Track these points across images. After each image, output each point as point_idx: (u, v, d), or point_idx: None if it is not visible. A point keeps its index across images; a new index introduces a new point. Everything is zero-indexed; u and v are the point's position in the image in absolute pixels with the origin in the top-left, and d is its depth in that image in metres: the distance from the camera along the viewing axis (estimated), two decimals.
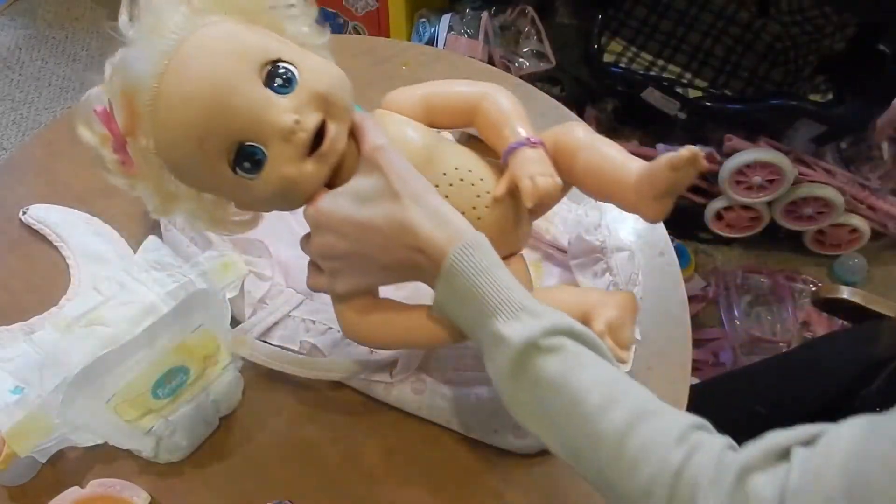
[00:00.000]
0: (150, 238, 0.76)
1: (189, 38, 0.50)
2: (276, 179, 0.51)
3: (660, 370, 0.71)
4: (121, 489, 0.60)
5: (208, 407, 0.63)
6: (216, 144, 0.50)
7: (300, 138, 0.50)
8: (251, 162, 0.51)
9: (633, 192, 0.56)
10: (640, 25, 1.61)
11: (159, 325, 0.62)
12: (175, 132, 0.50)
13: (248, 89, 0.49)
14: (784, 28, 1.53)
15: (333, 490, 0.64)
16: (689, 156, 0.52)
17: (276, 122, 0.49)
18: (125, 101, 0.51)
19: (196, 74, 0.49)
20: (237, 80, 0.49)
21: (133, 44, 0.52)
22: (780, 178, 1.43)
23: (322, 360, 0.65)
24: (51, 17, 2.16)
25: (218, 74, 0.49)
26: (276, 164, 0.51)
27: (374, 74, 0.97)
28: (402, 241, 0.52)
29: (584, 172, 0.59)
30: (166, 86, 0.49)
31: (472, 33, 1.51)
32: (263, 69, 0.50)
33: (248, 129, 0.50)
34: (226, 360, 0.64)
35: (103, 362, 0.61)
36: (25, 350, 0.68)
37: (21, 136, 1.88)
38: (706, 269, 1.60)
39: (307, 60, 0.53)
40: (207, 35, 0.50)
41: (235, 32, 0.52)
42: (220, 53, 0.50)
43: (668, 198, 0.56)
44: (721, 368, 1.47)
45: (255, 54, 0.50)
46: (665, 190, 0.55)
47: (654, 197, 0.56)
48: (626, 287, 0.70)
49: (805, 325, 1.50)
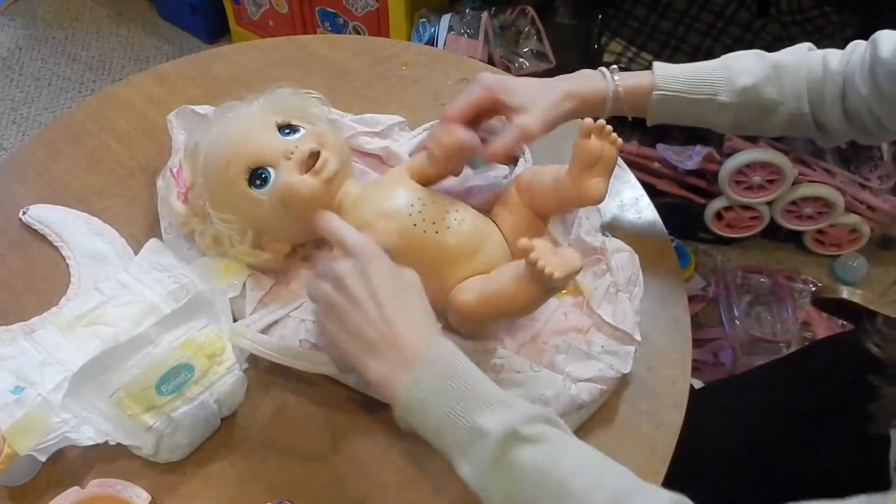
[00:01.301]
0: (151, 240, 0.76)
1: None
2: (278, 186, 0.66)
3: (660, 370, 0.71)
4: (121, 489, 0.60)
5: (210, 406, 0.63)
6: (236, 168, 0.67)
7: (297, 156, 0.66)
8: (261, 179, 0.67)
9: (570, 181, 0.65)
10: (640, 25, 1.61)
11: (165, 323, 0.63)
12: (211, 164, 0.70)
13: (263, 132, 0.69)
14: (784, 28, 1.53)
15: (334, 490, 0.64)
16: (595, 125, 0.63)
17: (279, 147, 0.67)
18: (190, 161, 0.73)
19: (231, 128, 0.70)
20: (255, 128, 0.69)
21: (206, 126, 0.74)
22: (780, 178, 1.43)
23: (320, 355, 0.65)
24: (51, 17, 2.16)
25: (244, 126, 0.70)
26: (279, 175, 0.66)
27: (374, 74, 0.97)
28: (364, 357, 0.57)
29: (538, 195, 0.68)
30: (214, 139, 0.70)
31: (472, 33, 1.51)
32: (279, 126, 0.70)
33: (259, 155, 0.67)
34: (231, 360, 0.65)
35: (110, 356, 0.61)
36: (26, 348, 0.68)
37: (21, 136, 1.88)
38: (706, 269, 1.60)
39: (315, 124, 0.71)
40: (245, 114, 0.72)
41: (266, 114, 0.71)
42: (249, 116, 0.71)
43: (599, 173, 0.64)
44: (721, 368, 1.47)
45: (272, 118, 0.70)
46: (587, 159, 0.63)
47: (584, 171, 0.64)
48: (626, 288, 0.71)
49: (805, 325, 1.50)
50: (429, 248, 0.65)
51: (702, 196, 1.54)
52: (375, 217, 0.66)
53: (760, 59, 0.73)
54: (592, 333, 0.69)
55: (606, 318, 0.69)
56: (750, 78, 0.72)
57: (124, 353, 0.62)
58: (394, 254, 0.65)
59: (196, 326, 0.65)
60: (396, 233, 0.65)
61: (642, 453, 0.66)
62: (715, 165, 1.47)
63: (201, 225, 0.72)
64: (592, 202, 0.66)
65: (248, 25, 1.94)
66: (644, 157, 1.51)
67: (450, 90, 0.93)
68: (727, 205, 1.52)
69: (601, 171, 0.64)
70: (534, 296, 0.60)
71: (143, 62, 2.04)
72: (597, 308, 0.70)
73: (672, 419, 0.68)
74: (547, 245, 0.58)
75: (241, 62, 0.99)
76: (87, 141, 0.89)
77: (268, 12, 1.85)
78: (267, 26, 1.89)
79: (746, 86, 0.71)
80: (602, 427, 0.67)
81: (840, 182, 1.45)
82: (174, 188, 0.73)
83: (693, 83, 0.73)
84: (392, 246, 0.60)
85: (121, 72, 2.02)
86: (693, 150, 1.47)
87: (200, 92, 0.93)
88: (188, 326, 0.65)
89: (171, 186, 0.74)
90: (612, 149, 0.63)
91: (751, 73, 0.72)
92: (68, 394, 0.60)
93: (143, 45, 2.09)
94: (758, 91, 0.72)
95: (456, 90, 0.87)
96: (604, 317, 0.69)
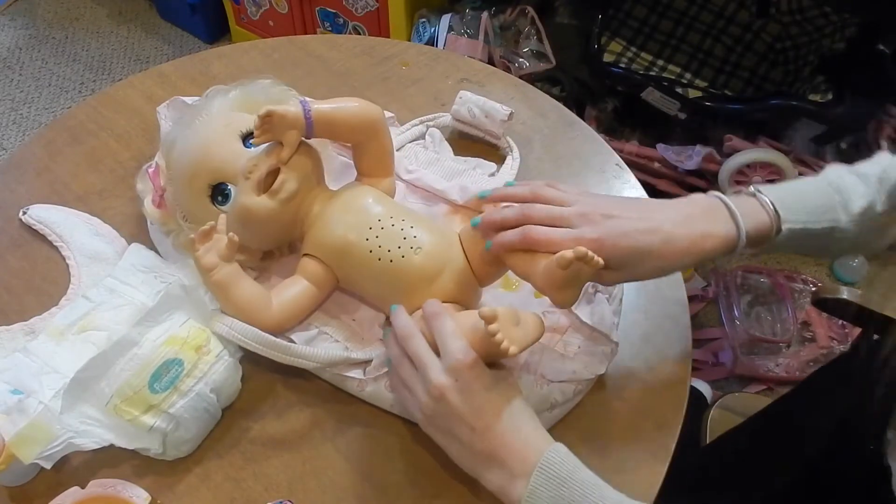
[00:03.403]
0: (133, 245, 0.76)
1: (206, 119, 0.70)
2: (237, 207, 0.67)
3: (660, 370, 0.71)
4: (121, 489, 0.60)
5: (208, 396, 0.63)
6: (199, 183, 0.68)
7: (255, 176, 0.66)
8: (223, 195, 0.68)
9: (540, 281, 0.59)
10: (640, 25, 1.61)
11: (144, 322, 0.64)
12: (177, 175, 0.70)
13: (226, 145, 0.68)
14: (784, 28, 1.53)
15: (334, 490, 0.64)
16: (574, 256, 0.54)
17: (238, 165, 0.67)
18: (165, 161, 0.72)
19: (196, 138, 0.69)
20: (218, 140, 0.68)
21: (179, 125, 0.73)
22: (780, 178, 1.43)
23: (296, 347, 0.65)
24: (51, 17, 2.17)
25: (207, 136, 0.69)
26: (238, 195, 0.67)
27: (374, 74, 0.97)
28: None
29: (509, 258, 0.62)
30: (180, 145, 0.70)
31: (472, 33, 1.51)
32: (244, 136, 0.68)
33: (220, 172, 0.67)
34: (218, 348, 0.65)
35: (96, 365, 0.61)
36: (21, 360, 0.67)
37: (21, 136, 1.88)
38: (706, 269, 1.60)
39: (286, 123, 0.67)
40: (213, 114, 0.71)
41: (233, 114, 0.71)
42: (214, 124, 0.70)
43: (571, 288, 0.58)
44: (721, 368, 1.47)
45: (238, 126, 0.69)
46: (562, 283, 0.57)
47: (556, 288, 0.58)
48: (605, 289, 0.71)
49: (805, 325, 1.50)
50: (386, 275, 0.65)
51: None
52: (335, 240, 0.66)
53: (863, 178, 0.67)
54: (570, 334, 0.69)
55: (584, 319, 0.68)
56: (863, 199, 0.65)
57: (110, 360, 0.62)
58: (355, 280, 0.68)
59: (177, 322, 0.65)
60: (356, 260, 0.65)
61: (642, 453, 0.66)
62: (715, 165, 1.47)
63: (177, 226, 0.72)
64: (557, 307, 0.62)
65: (248, 25, 1.94)
66: (644, 157, 1.51)
67: (450, 90, 0.93)
68: None
69: (575, 287, 0.59)
70: (485, 353, 0.58)
71: (143, 62, 2.05)
72: (574, 308, 0.69)
73: (672, 419, 0.68)
74: (511, 315, 0.57)
75: (241, 62, 0.99)
76: (87, 141, 0.89)
77: (268, 12, 1.85)
78: (267, 26, 1.89)
79: (863, 208, 0.65)
80: (602, 427, 0.67)
81: None
82: (150, 192, 0.74)
83: (815, 213, 0.65)
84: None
85: (121, 72, 2.02)
86: (693, 150, 1.48)
87: (200, 92, 0.93)
88: (169, 323, 0.65)
89: (148, 189, 0.74)
90: (589, 270, 0.56)
91: (862, 195, 0.66)
92: (63, 411, 0.60)
93: (143, 45, 2.09)
94: (874, 210, 0.66)
95: (456, 90, 0.87)
96: (581, 317, 0.68)
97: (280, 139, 0.66)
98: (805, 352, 1.46)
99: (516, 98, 0.93)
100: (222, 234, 0.65)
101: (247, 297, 0.65)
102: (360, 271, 0.66)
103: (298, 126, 0.66)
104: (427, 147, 0.84)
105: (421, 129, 0.86)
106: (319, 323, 0.69)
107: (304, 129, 0.67)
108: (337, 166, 0.79)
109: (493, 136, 0.85)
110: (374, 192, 0.70)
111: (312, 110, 0.67)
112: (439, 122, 0.87)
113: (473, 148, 0.86)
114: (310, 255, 0.68)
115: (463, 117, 0.86)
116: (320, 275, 0.68)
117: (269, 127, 0.65)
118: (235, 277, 0.65)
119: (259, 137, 0.65)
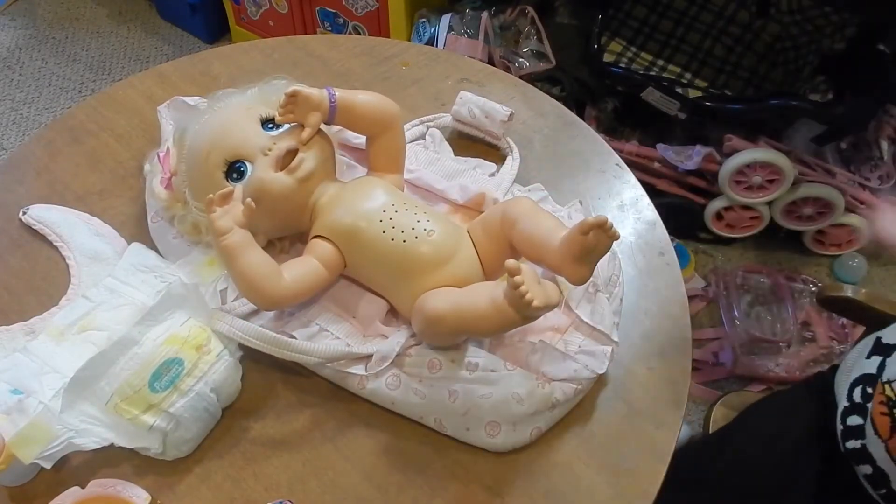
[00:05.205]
0: (133, 245, 0.76)
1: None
2: (251, 181, 0.67)
3: (660, 370, 0.71)
4: (121, 489, 0.60)
5: (208, 396, 0.63)
6: (216, 158, 0.69)
7: (274, 153, 0.67)
8: (238, 173, 0.69)
9: (557, 256, 0.61)
10: (640, 25, 1.61)
11: (145, 321, 0.64)
12: (193, 151, 0.71)
13: (245, 125, 0.70)
14: (784, 28, 1.53)
15: (334, 490, 0.64)
16: (595, 221, 0.57)
17: (257, 142, 0.68)
18: (177, 147, 0.73)
19: (215, 119, 0.71)
20: (238, 120, 0.70)
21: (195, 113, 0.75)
22: (780, 178, 1.43)
23: (298, 343, 0.65)
24: (51, 17, 2.17)
25: (227, 117, 0.71)
26: (254, 170, 0.68)
27: (374, 74, 0.97)
28: None
29: (520, 238, 0.65)
30: (198, 126, 0.71)
31: (472, 33, 1.51)
32: (263, 121, 0.70)
33: (238, 149, 0.69)
34: (219, 348, 0.65)
35: (97, 364, 0.61)
36: (21, 360, 0.67)
37: (21, 136, 1.88)
38: (706, 269, 1.60)
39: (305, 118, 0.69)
40: (232, 103, 0.73)
41: (253, 104, 0.73)
42: (235, 107, 0.72)
43: (587, 262, 0.60)
44: (721, 368, 1.47)
45: (258, 111, 0.71)
46: (580, 252, 0.59)
47: (573, 259, 0.60)
48: (605, 288, 0.71)
49: (805, 325, 1.50)
50: (397, 256, 0.65)
51: (702, 196, 1.54)
52: (348, 220, 0.67)
53: None
54: (570, 333, 0.69)
55: (584, 318, 0.69)
56: None
57: (110, 359, 0.62)
58: (363, 263, 0.68)
59: (177, 321, 0.65)
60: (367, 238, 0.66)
61: (642, 453, 0.66)
62: (715, 165, 1.47)
63: (182, 210, 0.73)
64: (572, 283, 0.63)
65: (248, 25, 1.94)
66: (644, 157, 1.51)
67: (450, 90, 0.93)
68: (727, 205, 1.52)
69: (591, 261, 0.61)
70: (504, 320, 0.58)
71: (143, 62, 2.05)
72: (575, 308, 0.69)
73: (672, 419, 0.68)
74: (532, 273, 0.57)
75: (241, 62, 0.99)
76: (87, 141, 0.89)
77: (268, 12, 1.85)
78: (267, 26, 1.89)
79: None
80: (602, 427, 0.67)
81: (840, 182, 1.45)
82: (158, 173, 0.75)
83: None
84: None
85: (121, 72, 2.02)
86: (693, 150, 1.48)
87: (200, 92, 0.93)
88: (169, 322, 0.65)
89: (157, 171, 0.76)
90: (608, 241, 0.58)
91: None
92: (63, 410, 0.60)
93: (143, 45, 2.09)
94: None
95: (456, 90, 0.87)
96: (582, 316, 0.69)
97: (302, 121, 0.68)
98: (805, 352, 1.46)
99: (516, 98, 0.93)
100: (238, 200, 0.64)
101: (257, 265, 0.64)
102: (370, 253, 0.67)
103: (322, 109, 0.68)
104: (427, 147, 0.84)
105: (421, 129, 0.87)
106: (321, 320, 0.69)
107: (327, 112, 0.69)
108: (340, 166, 0.80)
109: (493, 136, 0.85)
110: (385, 183, 0.71)
111: (337, 95, 0.69)
112: (439, 123, 0.88)
113: (473, 148, 0.87)
114: (320, 237, 0.69)
115: (463, 118, 0.86)
116: (329, 256, 0.68)
117: (293, 107, 0.67)
118: (248, 244, 0.64)
119: (283, 117, 0.68)
